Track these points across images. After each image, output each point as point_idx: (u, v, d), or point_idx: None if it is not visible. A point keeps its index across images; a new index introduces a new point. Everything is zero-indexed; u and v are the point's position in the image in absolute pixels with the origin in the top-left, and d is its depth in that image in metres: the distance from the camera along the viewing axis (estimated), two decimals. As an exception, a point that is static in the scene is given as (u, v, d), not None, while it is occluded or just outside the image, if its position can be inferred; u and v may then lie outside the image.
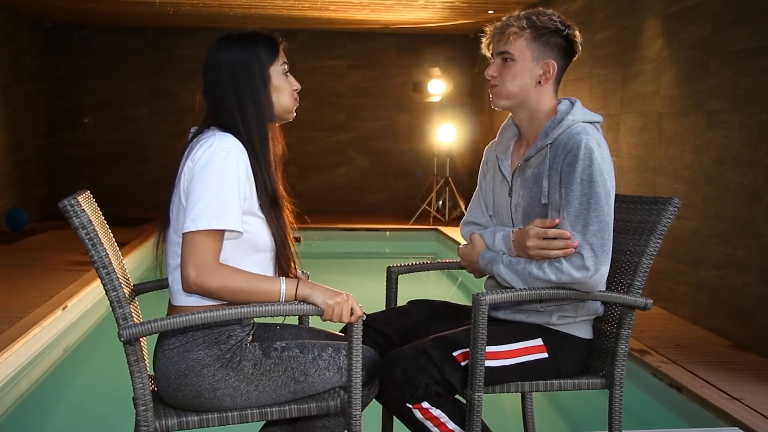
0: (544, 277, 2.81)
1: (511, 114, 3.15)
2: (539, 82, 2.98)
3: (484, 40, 3.06)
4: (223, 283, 2.60)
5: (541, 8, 3.04)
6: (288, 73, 2.90)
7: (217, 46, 2.84)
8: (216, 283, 2.59)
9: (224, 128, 2.74)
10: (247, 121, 2.75)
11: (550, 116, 2.99)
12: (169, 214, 2.76)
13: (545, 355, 2.93)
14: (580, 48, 3.03)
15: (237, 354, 2.69)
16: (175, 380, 2.68)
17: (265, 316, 2.65)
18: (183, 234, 2.60)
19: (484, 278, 3.20)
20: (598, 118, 2.99)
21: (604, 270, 2.81)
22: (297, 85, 2.93)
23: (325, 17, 12.23)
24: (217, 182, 2.61)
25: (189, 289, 2.61)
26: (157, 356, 2.73)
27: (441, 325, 3.12)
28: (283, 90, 2.87)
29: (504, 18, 3.01)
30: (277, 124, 2.91)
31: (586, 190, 2.81)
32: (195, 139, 2.73)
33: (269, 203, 2.78)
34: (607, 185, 2.84)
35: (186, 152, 2.72)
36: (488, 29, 3.05)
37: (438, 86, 13.05)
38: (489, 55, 3.06)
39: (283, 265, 2.84)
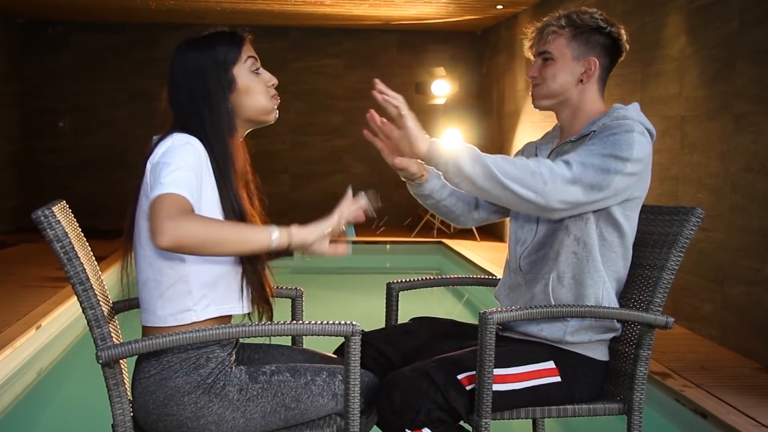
0: (521, 163, 2.77)
1: (555, 123, 3.27)
2: (581, 81, 3.08)
3: (526, 43, 3.18)
4: (204, 225, 2.47)
5: (584, 7, 3.16)
6: (259, 69, 2.85)
7: (174, 55, 2.81)
8: (195, 228, 2.44)
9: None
10: (207, 136, 2.70)
11: (598, 115, 3.08)
12: (135, 227, 2.72)
13: (558, 379, 2.94)
14: (627, 46, 3.14)
15: (220, 379, 2.68)
16: (154, 411, 2.67)
17: (258, 336, 2.65)
18: (150, 203, 2.50)
19: (495, 290, 3.21)
20: (652, 128, 3.03)
21: (575, 191, 2.79)
22: (273, 80, 2.90)
23: (320, 12, 12.25)
24: (178, 160, 2.56)
25: (163, 242, 2.41)
26: (135, 384, 2.73)
27: (446, 346, 3.13)
28: (254, 90, 2.82)
29: (545, 18, 3.13)
30: (241, 138, 2.85)
31: (608, 147, 2.85)
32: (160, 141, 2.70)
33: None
34: (628, 162, 2.85)
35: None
36: (529, 31, 3.18)
37: (443, 87, 13.07)
38: (531, 57, 3.18)
39: (251, 284, 2.79)
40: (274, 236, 2.62)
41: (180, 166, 2.55)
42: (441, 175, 2.84)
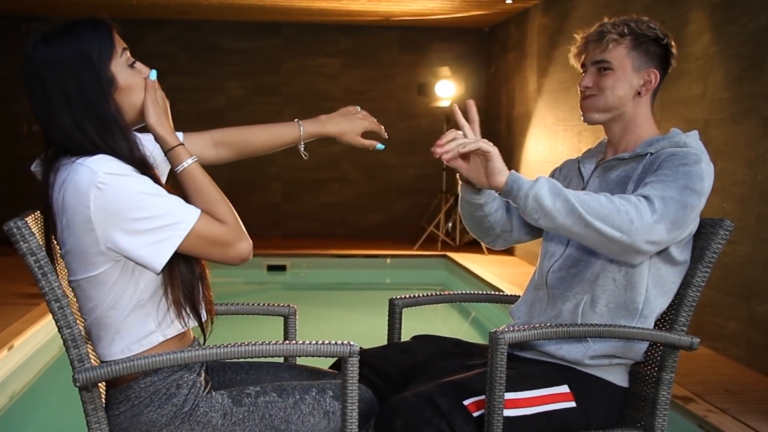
0: (606, 198, 2.76)
1: (602, 139, 3.28)
2: (638, 93, 3.10)
3: (573, 49, 3.20)
4: (227, 206, 2.65)
5: (635, 15, 3.16)
6: (135, 63, 2.72)
7: (32, 52, 2.62)
8: (230, 215, 2.64)
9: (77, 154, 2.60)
10: (108, 146, 2.59)
11: (650, 135, 3.10)
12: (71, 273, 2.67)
13: (572, 404, 2.93)
14: (674, 61, 3.17)
15: (200, 405, 2.68)
16: None
17: (246, 357, 2.64)
18: (178, 249, 2.56)
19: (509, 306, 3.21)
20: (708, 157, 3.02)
21: (663, 231, 2.78)
22: (147, 71, 2.73)
23: (315, 8, 12.25)
24: (148, 198, 2.53)
25: (246, 256, 2.63)
26: (109, 421, 2.72)
27: (450, 364, 3.12)
28: (135, 86, 2.68)
29: (597, 26, 3.15)
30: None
31: (682, 178, 2.85)
32: (55, 176, 2.61)
33: None
34: (702, 197, 2.87)
35: (52, 193, 2.61)
36: (578, 37, 3.19)
37: (447, 88, 13.06)
38: (578, 65, 3.20)
39: (188, 301, 2.70)
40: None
41: (156, 199, 2.54)
42: (519, 209, 2.82)
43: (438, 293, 3.69)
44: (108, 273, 2.59)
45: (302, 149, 3.25)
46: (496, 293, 3.71)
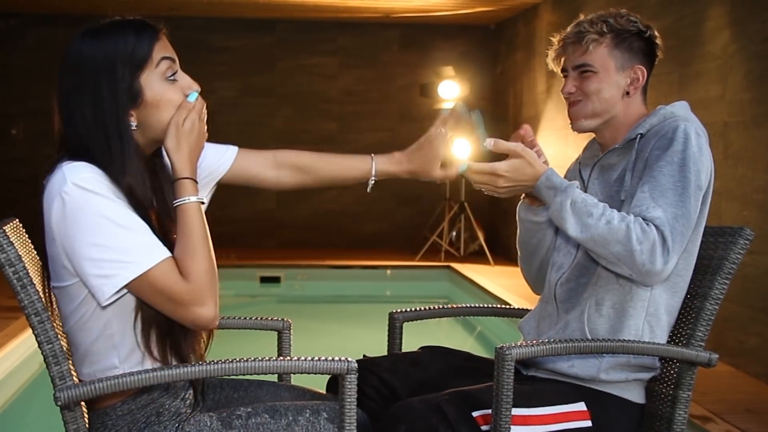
0: (625, 232, 2.80)
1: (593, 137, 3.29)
2: (627, 93, 3.11)
3: (551, 53, 3.20)
4: (208, 263, 2.53)
5: (612, 9, 3.17)
6: (176, 75, 2.62)
7: (68, 45, 2.61)
8: (207, 276, 2.52)
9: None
10: (106, 162, 2.54)
11: (641, 119, 3.10)
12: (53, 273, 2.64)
13: (588, 423, 2.92)
14: (660, 52, 3.18)
15: (186, 430, 2.66)
16: None
17: (239, 374, 2.64)
18: (129, 291, 2.51)
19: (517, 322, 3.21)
20: (704, 129, 3.04)
21: (673, 264, 2.84)
22: (193, 86, 2.63)
23: (311, 4, 12.27)
24: (107, 226, 2.46)
25: (212, 323, 2.54)
26: None
27: (463, 384, 3.11)
28: (167, 102, 2.58)
29: (573, 25, 3.16)
30: (146, 160, 2.67)
31: (675, 172, 2.87)
32: (46, 180, 2.57)
33: None
34: (700, 178, 2.89)
35: (43, 194, 2.57)
36: (556, 39, 3.19)
37: (451, 89, 13.06)
38: (558, 69, 3.19)
39: (172, 351, 2.65)
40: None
41: (109, 226, 2.46)
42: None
43: (441, 306, 3.68)
44: (75, 288, 2.57)
45: (371, 185, 3.20)
46: (503, 306, 3.71)
